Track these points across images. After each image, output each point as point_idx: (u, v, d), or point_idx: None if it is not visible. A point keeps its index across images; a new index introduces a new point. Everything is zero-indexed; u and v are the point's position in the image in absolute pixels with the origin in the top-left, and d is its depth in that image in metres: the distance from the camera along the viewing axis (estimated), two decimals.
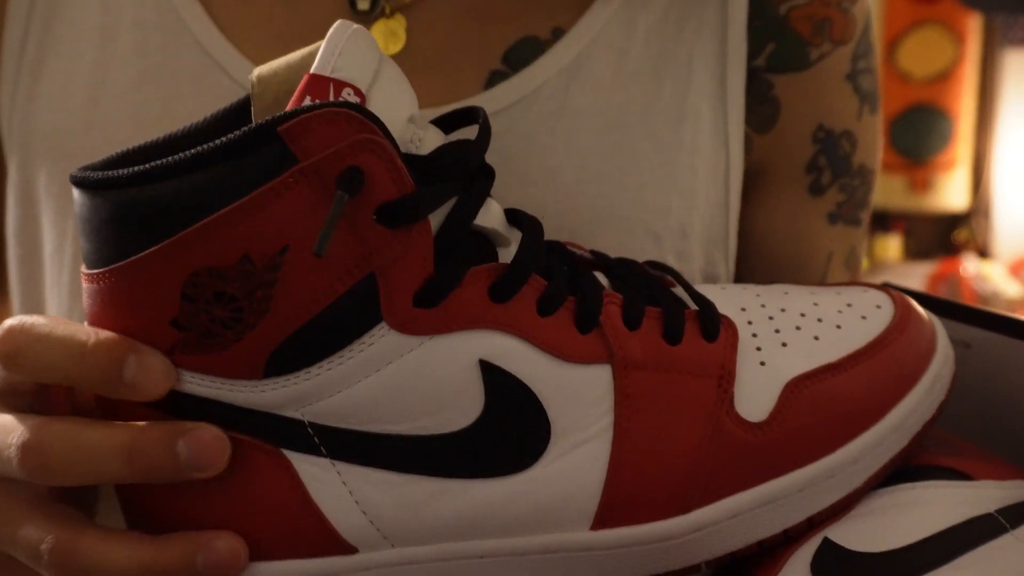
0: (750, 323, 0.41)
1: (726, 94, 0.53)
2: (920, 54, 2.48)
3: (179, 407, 0.35)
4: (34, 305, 0.54)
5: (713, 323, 0.40)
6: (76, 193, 0.35)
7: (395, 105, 0.37)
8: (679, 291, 0.42)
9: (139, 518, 0.37)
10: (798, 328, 0.41)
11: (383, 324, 0.35)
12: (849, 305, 0.42)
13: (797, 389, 0.39)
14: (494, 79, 0.51)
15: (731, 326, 0.40)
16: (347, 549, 0.37)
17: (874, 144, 0.58)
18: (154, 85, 0.50)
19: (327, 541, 0.36)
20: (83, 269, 0.36)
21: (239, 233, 0.34)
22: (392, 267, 0.35)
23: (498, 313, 0.37)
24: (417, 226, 0.35)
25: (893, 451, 0.40)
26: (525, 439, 0.37)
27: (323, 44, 0.36)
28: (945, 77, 2.47)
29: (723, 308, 0.41)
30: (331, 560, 0.37)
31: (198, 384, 0.35)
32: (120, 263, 0.34)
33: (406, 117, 0.37)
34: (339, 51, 0.36)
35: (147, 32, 0.51)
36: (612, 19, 0.52)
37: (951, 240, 2.55)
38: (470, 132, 0.39)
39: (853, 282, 0.45)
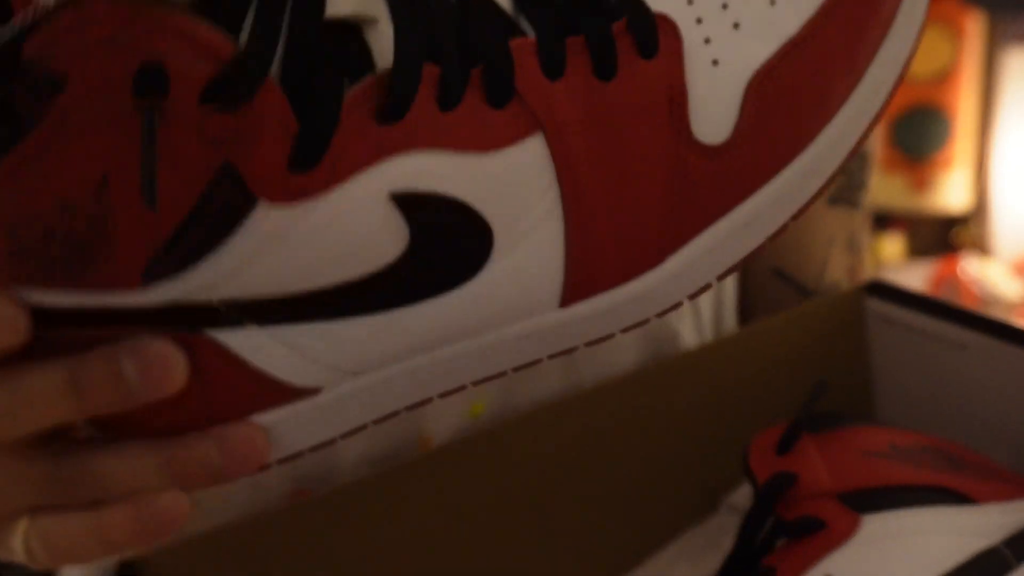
0: (690, 3, 0.33)
1: None
2: (920, 54, 2.47)
3: (70, 320, 0.31)
4: None
5: (648, 32, 0.33)
6: None
7: None
8: None
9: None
10: None
11: (262, 203, 0.30)
12: None
13: (760, 88, 0.33)
14: None
15: (670, 28, 0.33)
16: (309, 393, 0.34)
17: None
18: None
19: (286, 394, 0.33)
20: None
21: (39, 180, 0.28)
22: (244, 146, 0.29)
23: (394, 134, 0.30)
24: (259, 91, 0.29)
25: (870, 116, 0.34)
26: (464, 249, 0.32)
27: None
28: (945, 77, 2.47)
29: None
30: (295, 405, 0.34)
31: (76, 299, 0.30)
32: None
33: None
34: None
35: None
36: None
37: (951, 240, 2.54)
38: None
39: None
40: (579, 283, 0.34)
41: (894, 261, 2.54)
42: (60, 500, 0.33)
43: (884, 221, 2.55)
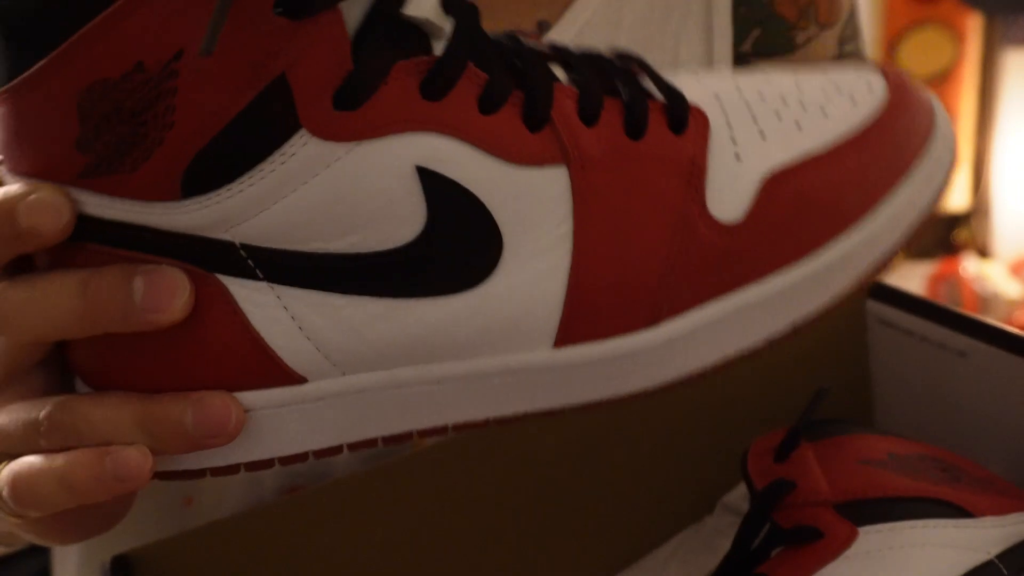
0: (724, 111, 0.36)
1: None
2: (920, 54, 2.47)
3: (103, 235, 0.33)
4: None
5: (681, 113, 0.35)
6: None
7: None
8: (646, 82, 0.37)
9: (83, 362, 0.36)
10: (778, 115, 0.36)
11: (303, 131, 0.32)
12: (837, 88, 0.38)
13: (776, 184, 0.35)
14: None
15: (701, 116, 0.36)
16: (295, 379, 0.34)
17: None
18: None
19: (272, 371, 0.34)
20: None
21: (126, 38, 0.30)
22: (303, 65, 0.31)
23: (433, 112, 0.33)
24: (325, 16, 0.32)
25: (885, 246, 0.36)
26: (474, 253, 0.34)
27: None
28: (945, 77, 2.47)
29: (695, 96, 0.36)
30: (278, 391, 0.34)
31: (118, 209, 0.33)
32: (14, 82, 0.32)
33: None
34: None
35: None
36: (597, 11, 0.52)
37: (951, 240, 2.55)
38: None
39: (842, 64, 0.41)
40: (576, 322, 0.34)
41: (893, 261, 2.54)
42: (36, 447, 0.34)
43: None
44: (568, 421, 0.49)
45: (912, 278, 2.38)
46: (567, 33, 0.52)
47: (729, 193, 0.35)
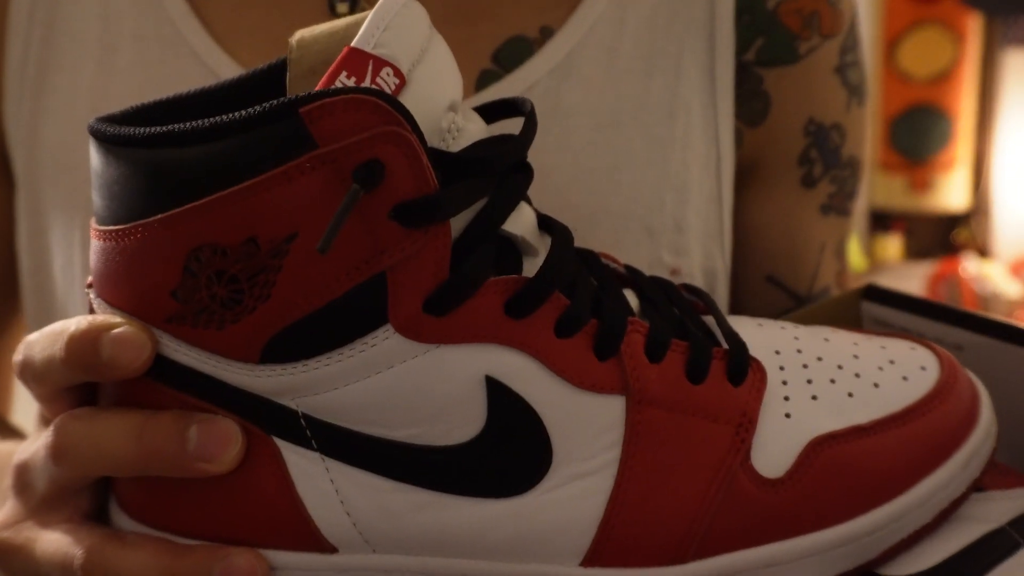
0: (782, 368, 0.38)
1: (715, 89, 0.53)
2: (920, 54, 2.48)
3: (175, 378, 0.35)
4: (45, 317, 0.54)
5: (741, 366, 0.37)
6: (92, 144, 0.35)
7: (436, 90, 0.34)
8: (710, 320, 0.39)
9: (126, 494, 0.37)
10: (832, 381, 0.38)
11: (388, 326, 0.33)
12: (892, 362, 0.40)
13: (820, 449, 0.36)
14: (485, 79, 0.51)
15: (760, 370, 0.37)
16: (326, 547, 0.35)
17: (862, 136, 0.59)
18: (154, 97, 0.50)
19: (306, 536, 0.35)
20: (92, 223, 0.36)
21: (246, 214, 0.32)
22: (404, 268, 0.33)
23: (512, 329, 0.34)
24: (435, 228, 0.33)
25: (915, 526, 0.37)
26: (523, 463, 0.35)
27: (370, 15, 0.34)
28: (945, 77, 2.48)
29: (756, 349, 0.38)
30: (308, 556, 0.36)
31: (194, 358, 0.34)
32: (126, 225, 0.33)
33: (446, 104, 0.35)
34: (385, 25, 0.33)
35: (146, 44, 0.52)
36: (601, 18, 0.52)
37: (951, 240, 2.55)
38: (517, 124, 0.37)
39: (900, 335, 0.42)
40: (606, 546, 0.35)
41: (893, 261, 2.55)
42: None
43: (884, 221, 2.55)
44: None
45: (912, 278, 2.38)
46: (571, 40, 0.52)
47: (774, 449, 0.36)
